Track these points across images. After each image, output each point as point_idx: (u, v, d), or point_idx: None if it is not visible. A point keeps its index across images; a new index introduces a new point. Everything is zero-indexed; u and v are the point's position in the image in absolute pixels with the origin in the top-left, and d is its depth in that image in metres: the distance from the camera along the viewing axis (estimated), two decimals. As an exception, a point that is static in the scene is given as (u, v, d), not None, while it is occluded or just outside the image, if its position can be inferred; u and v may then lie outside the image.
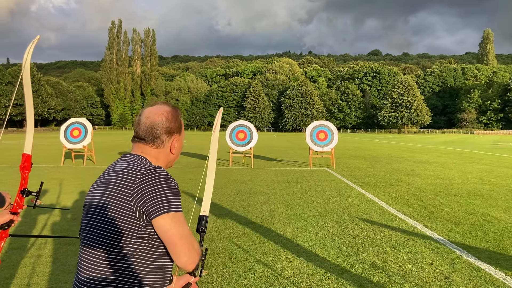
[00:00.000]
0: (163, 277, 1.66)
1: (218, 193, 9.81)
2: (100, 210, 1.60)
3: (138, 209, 1.54)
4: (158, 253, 1.62)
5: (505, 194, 9.83)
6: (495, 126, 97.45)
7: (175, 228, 1.57)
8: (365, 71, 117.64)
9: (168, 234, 1.57)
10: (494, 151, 26.40)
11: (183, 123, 1.89)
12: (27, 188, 2.43)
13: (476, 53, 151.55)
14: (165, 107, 1.78)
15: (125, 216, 1.55)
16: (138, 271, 1.58)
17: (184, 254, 1.59)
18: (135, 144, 1.76)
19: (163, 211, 1.55)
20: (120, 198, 1.57)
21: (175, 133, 1.78)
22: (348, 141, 43.25)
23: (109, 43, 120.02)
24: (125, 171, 1.63)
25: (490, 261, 4.99)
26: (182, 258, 1.59)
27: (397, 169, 15.09)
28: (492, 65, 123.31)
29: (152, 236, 1.59)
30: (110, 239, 1.57)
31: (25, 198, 2.40)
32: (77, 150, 17.33)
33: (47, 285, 4.23)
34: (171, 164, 1.87)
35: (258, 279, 4.43)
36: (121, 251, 1.56)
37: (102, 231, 1.58)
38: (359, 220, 7.16)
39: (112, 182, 1.62)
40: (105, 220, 1.58)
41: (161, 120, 1.73)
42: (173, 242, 1.58)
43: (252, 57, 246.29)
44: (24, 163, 2.49)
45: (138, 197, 1.55)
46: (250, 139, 16.67)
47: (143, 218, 1.55)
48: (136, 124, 1.76)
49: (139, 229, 1.56)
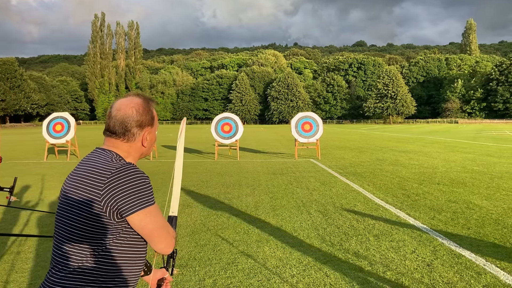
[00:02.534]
0: (136, 264, 1.66)
1: (203, 186, 9.77)
2: (71, 203, 1.59)
3: (108, 209, 1.53)
4: (129, 243, 1.61)
5: (487, 182, 9.96)
6: (478, 115, 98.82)
7: (150, 223, 1.59)
8: (350, 62, 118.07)
9: (145, 229, 1.60)
10: (477, 140, 26.75)
11: (156, 115, 1.86)
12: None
13: (460, 43, 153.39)
14: (136, 99, 1.74)
15: (95, 214, 1.54)
16: (109, 263, 1.57)
17: (161, 242, 1.64)
18: (106, 138, 1.73)
19: (136, 209, 1.55)
20: (89, 197, 1.55)
21: (147, 126, 1.74)
22: (334, 132, 43.43)
23: (93, 37, 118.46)
24: (94, 169, 1.60)
25: (471, 248, 5.05)
26: (159, 246, 1.64)
27: (382, 159, 15.20)
28: (475, 55, 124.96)
29: (123, 230, 1.58)
30: (80, 234, 1.56)
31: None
32: (60, 145, 17.12)
33: (27, 282, 4.16)
34: (144, 156, 1.84)
35: (241, 270, 4.41)
36: (92, 242, 1.55)
37: (73, 223, 1.57)
38: (343, 210, 7.19)
39: (83, 179, 1.60)
40: (76, 213, 1.56)
41: (131, 113, 1.69)
42: (150, 235, 1.62)
43: (238, 49, 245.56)
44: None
45: (107, 198, 1.53)
46: (235, 131, 16.61)
47: (114, 216, 1.54)
48: (107, 117, 1.73)
49: (110, 226, 1.55)
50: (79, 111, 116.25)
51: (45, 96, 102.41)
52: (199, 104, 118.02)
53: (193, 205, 7.63)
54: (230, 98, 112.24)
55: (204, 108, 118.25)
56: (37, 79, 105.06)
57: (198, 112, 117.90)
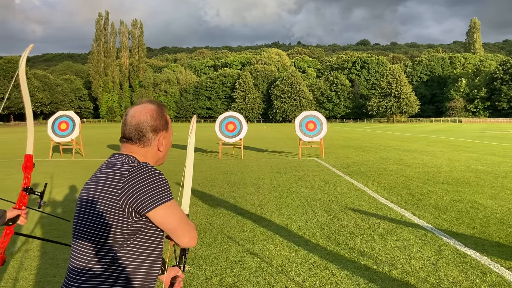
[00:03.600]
0: (153, 265, 1.69)
1: (208, 185, 9.81)
2: (89, 206, 1.62)
3: (127, 207, 1.56)
4: (147, 244, 1.64)
5: (491, 181, 9.96)
6: (482, 114, 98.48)
7: (173, 217, 1.64)
8: (353, 61, 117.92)
9: (166, 224, 1.64)
10: (481, 139, 26.69)
11: (170, 119, 1.90)
12: (30, 186, 2.57)
13: (464, 42, 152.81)
14: (150, 106, 1.79)
15: (114, 213, 1.57)
16: (126, 264, 1.60)
17: (184, 236, 1.70)
18: (123, 144, 1.78)
19: (155, 205, 1.58)
20: (108, 197, 1.58)
21: (161, 130, 1.79)
22: (337, 131, 43.41)
23: (96, 35, 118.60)
24: (112, 170, 1.64)
25: (476, 247, 5.07)
26: (184, 240, 1.71)
27: (386, 158, 15.20)
28: (479, 54, 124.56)
29: (141, 230, 1.61)
30: (99, 233, 1.59)
31: (28, 196, 2.50)
32: (65, 144, 17.20)
33: (35, 279, 4.22)
34: (161, 162, 1.89)
35: (248, 269, 4.45)
36: (110, 245, 1.58)
37: (91, 225, 1.60)
38: (347, 209, 7.21)
39: (100, 181, 1.64)
40: (94, 215, 1.60)
41: (145, 118, 1.74)
42: (173, 229, 1.67)
43: (241, 48, 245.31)
44: (26, 163, 2.63)
45: (126, 196, 1.56)
46: (239, 130, 16.64)
47: (132, 215, 1.57)
48: (122, 124, 1.78)
49: (128, 225, 1.58)
50: (83, 110, 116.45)
51: (49, 94, 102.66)
52: (203, 103, 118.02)
53: (198, 204, 7.67)
54: (234, 97, 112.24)
55: (208, 106, 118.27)
56: (41, 78, 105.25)
57: (202, 110, 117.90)
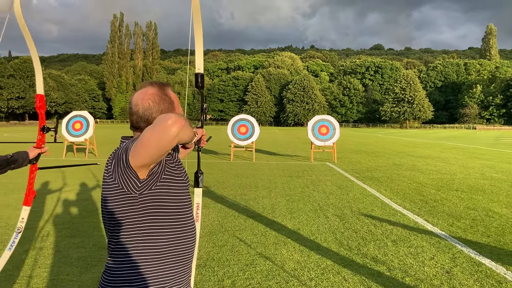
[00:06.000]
0: (183, 241, 1.72)
1: (220, 187, 9.82)
2: (103, 192, 1.70)
3: (116, 165, 1.63)
4: (164, 226, 1.66)
5: (506, 189, 9.82)
6: (497, 121, 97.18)
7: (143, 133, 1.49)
8: (367, 65, 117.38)
9: (145, 133, 1.47)
10: (496, 147, 26.35)
11: (175, 95, 1.84)
12: (46, 125, 2.83)
13: (479, 48, 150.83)
14: (151, 90, 1.77)
15: (116, 195, 1.61)
16: (143, 254, 1.62)
17: (165, 122, 1.41)
18: (134, 132, 1.80)
19: (131, 143, 1.60)
20: (107, 169, 1.66)
21: (168, 111, 1.76)
22: (350, 136, 43.20)
23: (111, 37, 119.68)
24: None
25: (491, 256, 4.99)
26: (171, 130, 1.41)
27: (399, 164, 15.08)
28: (495, 60, 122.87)
29: (151, 208, 1.62)
30: (111, 224, 1.65)
31: (45, 135, 2.78)
32: (79, 143, 17.35)
33: (48, 277, 4.25)
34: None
35: (259, 272, 4.44)
36: (121, 236, 1.62)
37: (107, 211, 1.67)
38: (360, 214, 7.16)
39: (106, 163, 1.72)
40: (105, 199, 1.67)
41: (148, 105, 1.73)
42: (152, 128, 1.45)
43: (254, 51, 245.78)
44: (39, 103, 2.78)
45: (112, 168, 1.64)
46: (251, 133, 16.65)
47: (131, 187, 1.59)
48: (129, 114, 1.78)
49: (136, 203, 1.60)
50: (97, 110, 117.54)
51: (63, 94, 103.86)
52: (215, 105, 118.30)
53: (210, 206, 7.68)
54: (246, 100, 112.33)
55: (220, 109, 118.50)
56: (56, 78, 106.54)
57: (214, 113, 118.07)
